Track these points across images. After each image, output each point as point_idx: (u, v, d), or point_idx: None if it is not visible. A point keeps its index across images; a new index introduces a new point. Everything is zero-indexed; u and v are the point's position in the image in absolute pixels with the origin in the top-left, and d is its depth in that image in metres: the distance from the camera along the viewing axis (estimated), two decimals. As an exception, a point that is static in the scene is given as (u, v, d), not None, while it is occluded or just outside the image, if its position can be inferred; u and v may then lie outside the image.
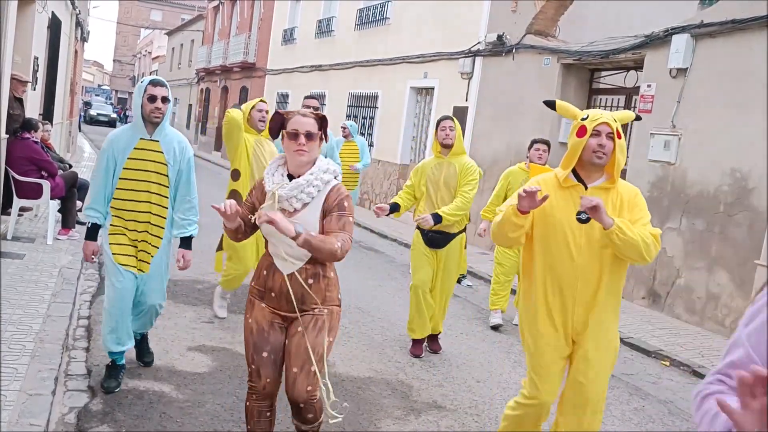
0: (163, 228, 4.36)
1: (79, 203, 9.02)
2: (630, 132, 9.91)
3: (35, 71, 10.79)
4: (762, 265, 7.06)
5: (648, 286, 8.77)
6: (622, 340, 7.10)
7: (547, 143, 6.94)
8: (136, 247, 4.33)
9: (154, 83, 4.21)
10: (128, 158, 4.20)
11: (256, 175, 5.82)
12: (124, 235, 4.29)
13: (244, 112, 5.92)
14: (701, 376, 6.21)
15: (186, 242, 4.42)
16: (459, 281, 8.19)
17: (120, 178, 4.22)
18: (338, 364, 5.31)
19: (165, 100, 4.23)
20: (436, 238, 5.74)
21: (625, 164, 9.82)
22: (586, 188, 3.42)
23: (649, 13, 11.95)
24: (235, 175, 6.01)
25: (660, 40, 8.96)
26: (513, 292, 7.21)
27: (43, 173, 8.11)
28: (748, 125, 7.65)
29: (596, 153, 3.33)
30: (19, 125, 8.16)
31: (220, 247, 6.48)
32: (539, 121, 11.06)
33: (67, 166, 10.11)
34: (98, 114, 48.17)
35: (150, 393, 4.36)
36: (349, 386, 4.91)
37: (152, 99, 4.16)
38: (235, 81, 29.13)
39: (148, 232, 4.32)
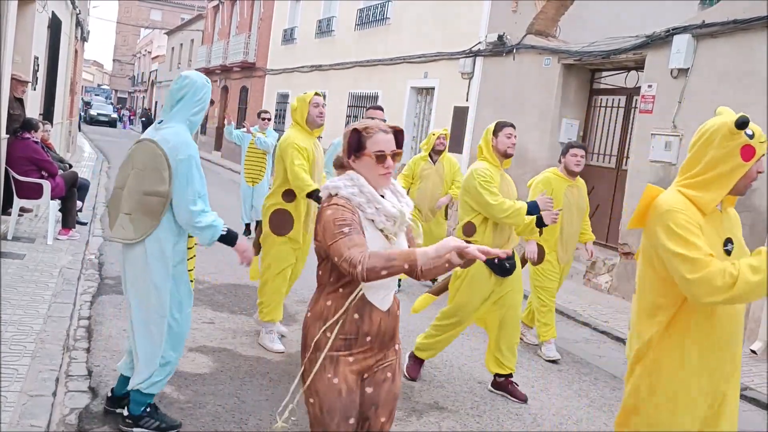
0: None
1: (79, 203, 9.01)
2: (630, 132, 9.90)
3: (35, 71, 10.78)
4: (763, 266, 7.04)
5: (649, 286, 8.74)
6: (623, 341, 7.11)
7: (584, 148, 6.21)
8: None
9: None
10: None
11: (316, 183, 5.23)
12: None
13: (296, 108, 5.37)
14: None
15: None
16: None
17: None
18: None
19: (212, 103, 4.13)
20: (512, 263, 4.99)
21: (625, 164, 9.87)
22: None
23: (650, 13, 11.93)
24: (289, 195, 5.31)
25: (661, 40, 8.95)
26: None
27: (44, 173, 8.09)
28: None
29: (752, 181, 2.71)
30: (20, 125, 8.15)
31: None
32: (540, 121, 11.05)
33: (67, 166, 10.10)
34: (99, 114, 48.21)
35: (151, 394, 4.34)
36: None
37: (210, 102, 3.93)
38: (235, 81, 29.12)
39: None
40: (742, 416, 5.44)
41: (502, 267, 4.88)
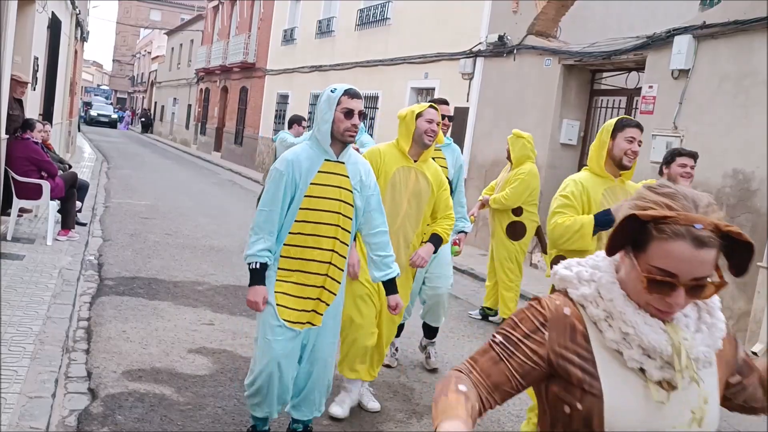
0: (343, 270, 3.60)
1: (78, 204, 9.00)
2: (631, 133, 9.88)
3: (35, 71, 10.76)
4: (764, 267, 7.04)
5: (649, 287, 8.73)
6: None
7: (695, 156, 4.96)
8: (313, 298, 3.52)
9: (351, 94, 3.48)
10: (311, 183, 3.44)
11: (386, 215, 3.91)
12: (298, 283, 3.49)
13: (403, 117, 4.38)
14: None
15: (392, 285, 3.66)
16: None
17: (300, 209, 3.44)
18: (340, 366, 5.28)
19: (362, 115, 3.52)
20: None
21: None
22: None
23: (651, 14, 11.93)
24: None
25: (662, 41, 8.93)
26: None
27: (43, 174, 8.08)
28: (751, 126, 7.62)
29: None
30: (19, 125, 8.14)
31: None
32: (541, 122, 11.03)
33: (67, 166, 10.08)
34: (99, 114, 48.19)
35: (151, 396, 4.33)
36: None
37: (349, 114, 3.44)
38: (235, 81, 29.11)
39: (328, 275, 3.52)
40: (741, 416, 5.44)
41: None
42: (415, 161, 4.36)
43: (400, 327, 5.44)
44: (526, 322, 1.55)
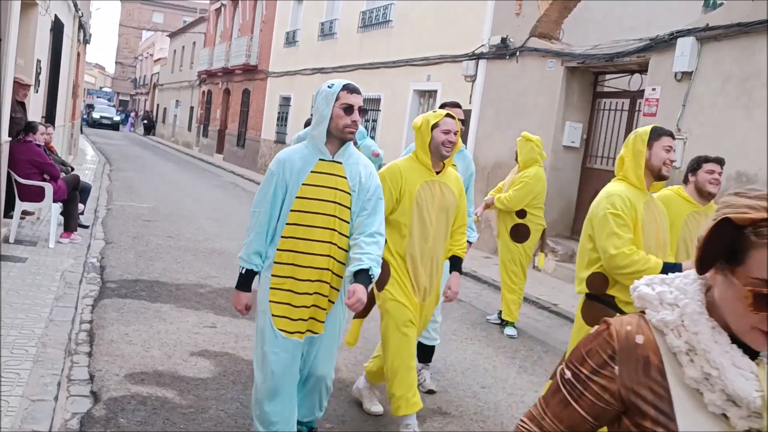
0: (342, 277, 3.37)
1: (81, 206, 9.00)
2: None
3: (38, 74, 10.78)
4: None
5: (652, 290, 8.71)
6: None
7: (722, 162, 4.62)
8: (307, 306, 3.33)
9: (350, 89, 3.27)
10: (303, 184, 3.26)
11: (416, 237, 3.99)
12: (291, 291, 3.30)
13: (417, 128, 4.06)
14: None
15: (362, 277, 3.19)
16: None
17: (291, 211, 3.27)
18: (343, 370, 5.27)
19: (362, 111, 3.32)
20: None
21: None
22: None
23: (653, 16, 11.91)
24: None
25: (665, 43, 8.92)
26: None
27: (46, 176, 8.08)
28: (754, 128, 7.61)
29: None
30: (22, 128, 8.14)
31: (361, 314, 4.65)
32: (543, 124, 11.02)
33: (69, 168, 10.09)
34: (101, 117, 48.21)
35: (153, 399, 4.32)
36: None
37: (349, 110, 3.23)
38: (237, 83, 29.13)
39: (324, 281, 3.32)
40: None
41: None
42: (437, 173, 4.04)
43: (430, 350, 5.16)
44: (594, 355, 1.38)
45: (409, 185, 3.97)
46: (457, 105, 5.12)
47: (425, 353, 5.11)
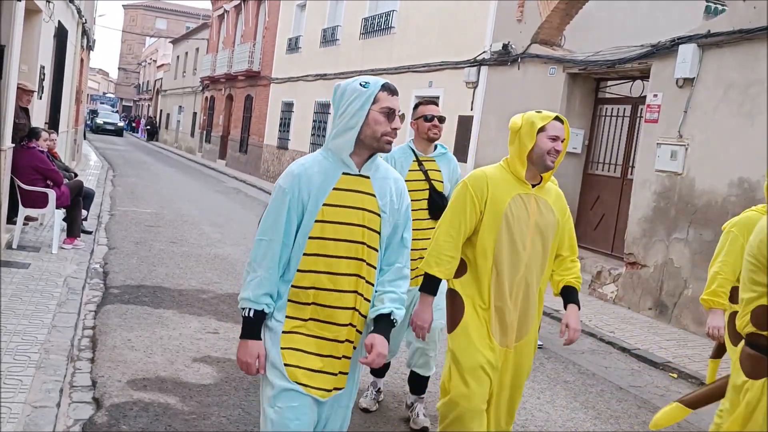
0: (366, 316, 2.72)
1: (84, 212, 9.03)
2: (636, 141, 9.88)
3: (41, 80, 10.81)
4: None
5: (655, 297, 8.72)
6: (629, 350, 7.08)
7: None
8: (337, 357, 2.64)
9: (391, 90, 2.65)
10: (324, 204, 2.61)
11: (505, 263, 3.23)
12: (313, 336, 2.62)
13: (517, 130, 3.29)
14: (710, 388, 6.16)
15: (383, 324, 2.66)
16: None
17: (310, 238, 2.60)
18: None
19: (402, 117, 2.81)
20: None
21: (631, 174, 9.86)
22: None
23: (655, 22, 11.93)
24: (461, 269, 3.36)
25: (666, 49, 8.93)
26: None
27: (49, 182, 8.10)
28: (756, 135, 7.61)
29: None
30: (25, 134, 8.17)
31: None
32: (545, 131, 11.02)
33: (73, 174, 10.11)
34: (105, 123, 48.31)
35: (155, 405, 4.33)
36: (356, 398, 4.87)
37: (391, 115, 2.63)
38: (240, 89, 29.20)
39: (352, 326, 2.66)
40: (704, 407, 5.44)
41: None
42: (533, 186, 3.29)
43: (386, 366, 4.74)
44: None
45: (497, 197, 3.22)
46: (433, 102, 4.68)
47: (419, 384, 4.54)
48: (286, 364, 2.59)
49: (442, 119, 4.46)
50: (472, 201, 3.23)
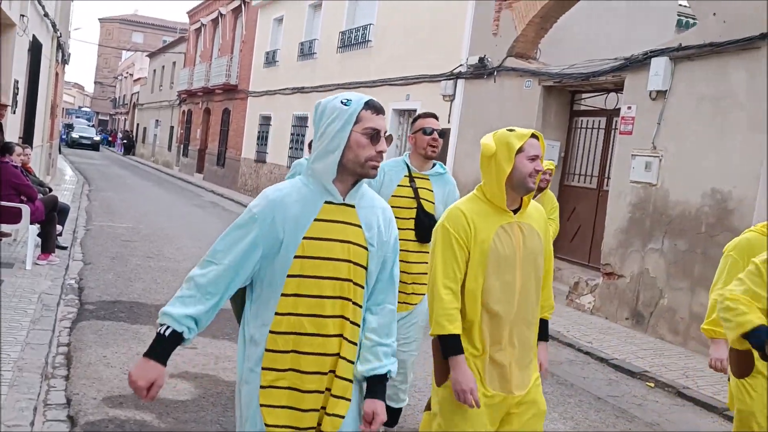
0: (353, 362, 2.41)
1: (59, 227, 8.93)
2: (611, 153, 10.00)
3: (15, 94, 10.72)
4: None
5: (631, 307, 8.79)
6: (606, 360, 7.12)
7: None
8: (313, 409, 2.35)
9: (375, 108, 2.37)
10: (305, 238, 2.31)
11: (497, 303, 2.88)
12: (293, 389, 2.32)
13: (491, 155, 2.88)
14: (686, 397, 6.22)
15: (380, 386, 2.43)
16: None
17: (289, 276, 2.30)
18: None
19: (389, 138, 2.58)
20: None
21: (606, 185, 9.97)
22: None
23: (628, 36, 12.09)
24: None
25: (639, 62, 9.06)
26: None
27: (23, 198, 8.01)
28: (728, 146, 7.73)
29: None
30: (-1, 149, 8.09)
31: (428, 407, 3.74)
32: (521, 143, 11.11)
33: (47, 189, 10.01)
34: (81, 137, 47.90)
35: (131, 422, 4.28)
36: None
37: (375, 137, 2.35)
38: (217, 103, 29.12)
39: (335, 374, 2.36)
40: (680, 416, 5.48)
41: None
42: (514, 211, 2.94)
43: (396, 412, 4.40)
44: None
45: (481, 233, 2.87)
46: (433, 115, 4.33)
47: (390, 416, 4.07)
48: (266, 425, 2.30)
49: (442, 133, 4.17)
50: (458, 244, 2.87)
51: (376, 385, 2.40)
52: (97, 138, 50.60)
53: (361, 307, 2.40)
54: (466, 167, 12.51)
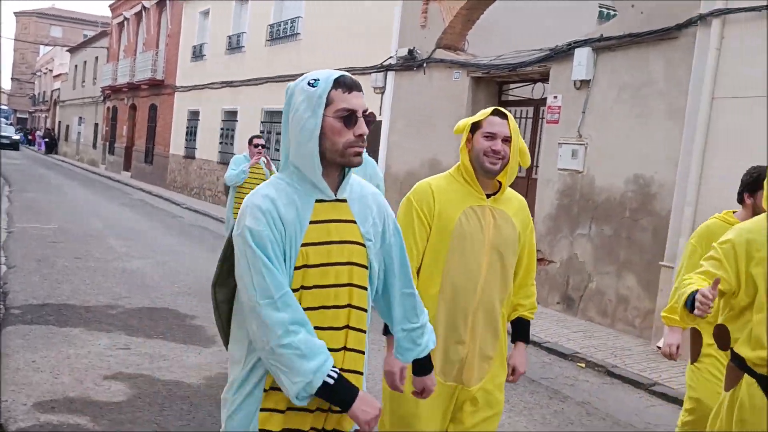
0: (362, 374, 2.21)
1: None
2: (539, 142, 10.23)
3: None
4: (666, 266, 7.41)
5: (562, 291, 9.05)
6: (539, 344, 7.32)
7: None
8: (318, 429, 2.15)
9: (346, 85, 2.09)
10: (303, 244, 2.06)
11: (458, 287, 2.76)
12: (300, 410, 2.10)
13: (460, 131, 2.94)
14: (615, 375, 6.46)
15: (426, 365, 2.43)
16: None
17: (293, 291, 2.07)
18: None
19: (370, 118, 2.18)
20: None
21: (535, 173, 10.21)
22: None
23: (553, 27, 12.37)
24: None
25: (563, 53, 9.30)
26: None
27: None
28: (648, 134, 8.03)
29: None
30: None
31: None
32: (452, 134, 11.23)
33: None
34: None
35: (65, 426, 4.18)
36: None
37: (349, 119, 2.08)
38: (143, 99, 28.43)
39: None
40: (650, 411, 5.71)
41: None
42: (488, 196, 2.84)
43: None
44: None
45: (446, 212, 2.76)
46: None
47: None
48: (260, 430, 2.07)
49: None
50: (419, 218, 2.76)
51: (424, 365, 2.41)
52: (16, 137, 48.65)
53: (365, 311, 2.18)
54: (397, 159, 12.60)
